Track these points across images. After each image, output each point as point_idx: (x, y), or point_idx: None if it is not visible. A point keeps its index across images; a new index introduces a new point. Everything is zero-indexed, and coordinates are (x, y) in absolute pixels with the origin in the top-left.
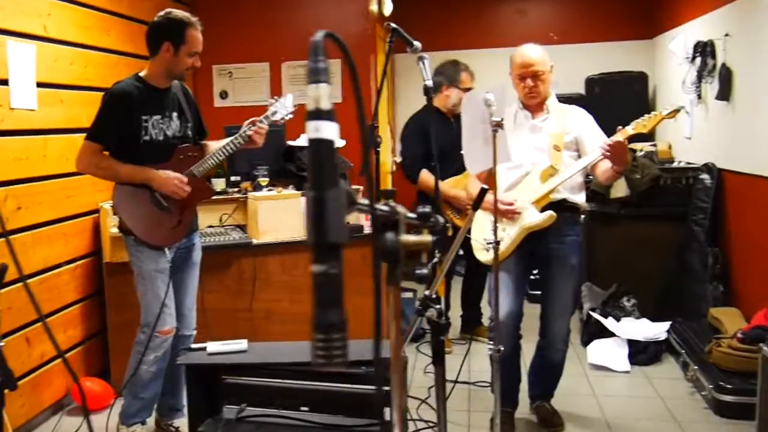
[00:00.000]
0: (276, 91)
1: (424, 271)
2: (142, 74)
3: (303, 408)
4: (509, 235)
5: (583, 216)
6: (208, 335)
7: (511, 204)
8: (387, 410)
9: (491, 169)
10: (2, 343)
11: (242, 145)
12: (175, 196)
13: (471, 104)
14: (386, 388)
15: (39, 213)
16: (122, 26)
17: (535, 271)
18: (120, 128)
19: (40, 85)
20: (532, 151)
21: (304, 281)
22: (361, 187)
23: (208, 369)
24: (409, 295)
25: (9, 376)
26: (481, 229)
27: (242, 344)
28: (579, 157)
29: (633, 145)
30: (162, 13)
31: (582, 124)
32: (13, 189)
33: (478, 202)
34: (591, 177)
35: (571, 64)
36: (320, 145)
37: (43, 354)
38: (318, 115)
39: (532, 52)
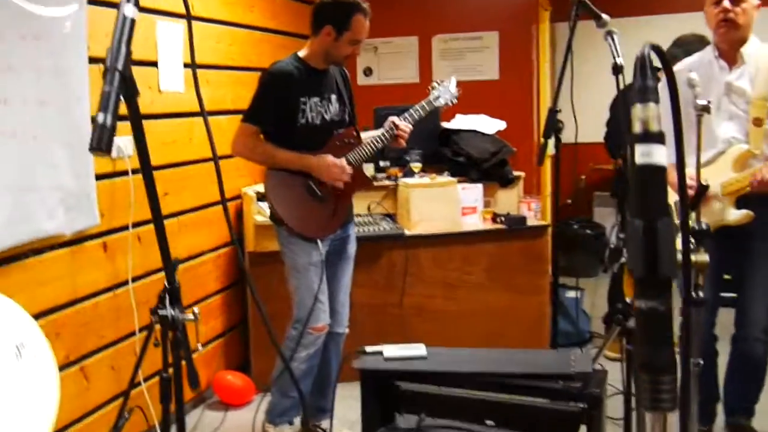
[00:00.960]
0: (425, 68)
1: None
2: (301, 54)
3: (488, 422)
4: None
5: None
6: (355, 332)
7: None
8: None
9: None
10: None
11: (388, 142)
12: (335, 184)
13: (713, 78)
14: (581, 405)
15: (185, 199)
16: (265, 2)
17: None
18: (278, 110)
19: (185, 65)
20: (727, 123)
21: (458, 277)
22: (523, 174)
23: (384, 375)
24: (572, 294)
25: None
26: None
27: (421, 349)
28: None
29: None
30: None
31: None
32: (161, 174)
33: (697, 198)
34: None
35: None
36: (650, 171)
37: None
38: (648, 137)
39: None
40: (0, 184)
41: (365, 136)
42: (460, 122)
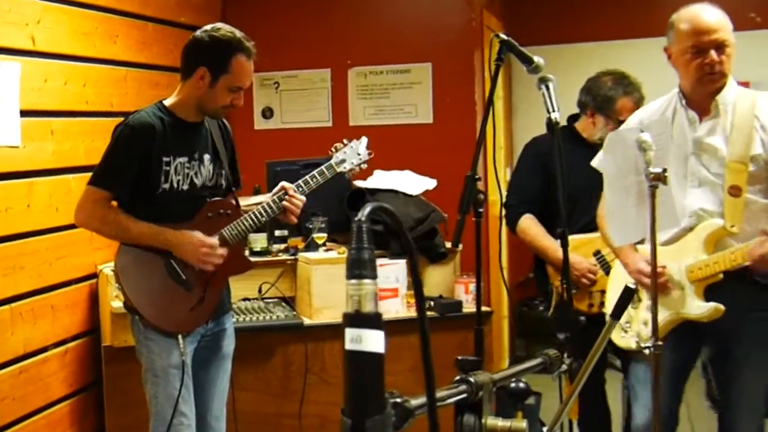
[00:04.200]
0: (340, 108)
1: None
2: (167, 102)
3: None
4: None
5: None
6: None
7: (659, 273)
8: None
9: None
10: None
11: (275, 214)
12: (203, 267)
13: (617, 145)
14: None
15: (20, 281)
16: (133, 29)
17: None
18: (135, 172)
19: (24, 113)
20: (696, 191)
21: None
22: (460, 246)
23: None
24: (531, 401)
25: None
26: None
27: None
28: None
29: None
30: (208, 27)
31: None
32: None
33: (620, 308)
34: None
35: None
36: (363, 361)
37: None
38: (359, 320)
39: (711, 14)
40: None
41: (251, 201)
42: (378, 180)
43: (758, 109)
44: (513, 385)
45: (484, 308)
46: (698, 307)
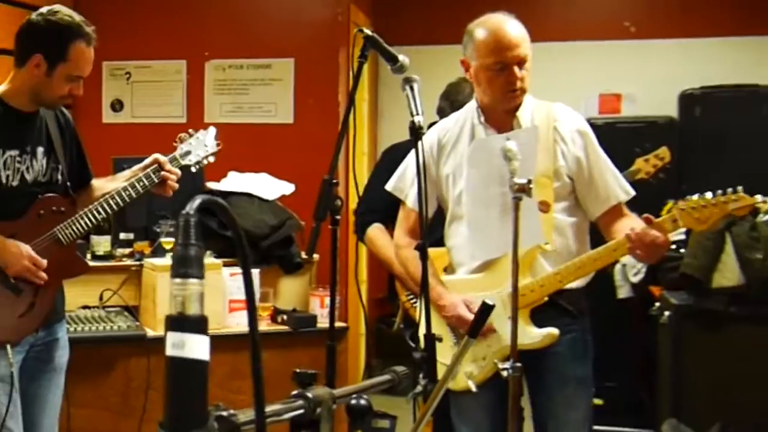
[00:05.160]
0: (195, 103)
1: None
2: None
3: None
4: (481, 362)
5: (666, 311)
6: None
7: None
8: None
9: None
10: None
11: (141, 194)
12: (29, 279)
13: (480, 154)
14: None
15: None
16: None
17: None
18: None
19: None
20: (502, 206)
21: (222, 396)
22: (317, 257)
23: None
24: (385, 423)
25: None
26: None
27: None
28: (576, 208)
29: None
30: (44, 10)
31: (583, 152)
32: None
33: (477, 326)
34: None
35: (657, 70)
36: (185, 369)
37: None
38: (182, 324)
39: (514, 27)
40: None
41: (102, 189)
42: (232, 183)
43: (557, 121)
44: (354, 401)
45: (339, 324)
46: (532, 336)
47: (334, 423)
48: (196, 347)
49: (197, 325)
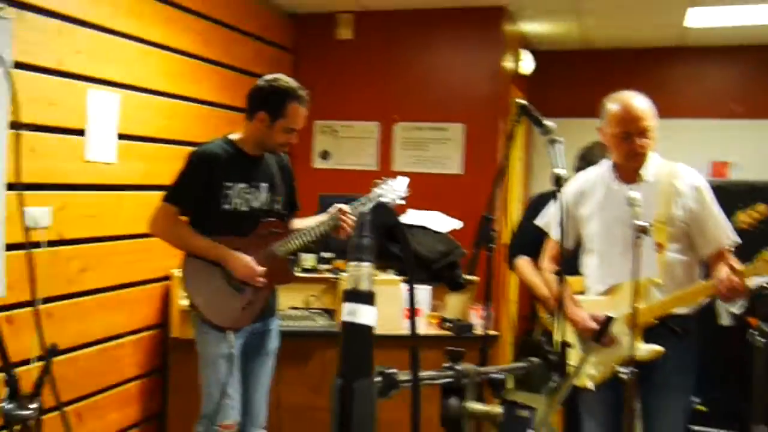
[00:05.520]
0: (386, 155)
1: None
2: (233, 137)
3: None
4: (600, 367)
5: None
6: None
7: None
8: None
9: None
10: None
11: (327, 234)
12: (247, 282)
13: (610, 201)
14: None
15: (106, 276)
16: (216, 74)
17: None
18: (198, 193)
19: (121, 137)
20: (624, 244)
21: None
22: (477, 278)
23: None
24: (525, 414)
25: None
26: (571, 349)
27: None
28: (687, 249)
29: None
30: (269, 77)
31: (697, 204)
32: (80, 248)
33: (601, 333)
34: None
35: (760, 143)
36: (355, 331)
37: (93, 431)
38: (355, 296)
39: (640, 103)
40: None
41: (302, 223)
42: (411, 217)
43: (676, 178)
44: (494, 375)
45: (491, 332)
46: (641, 350)
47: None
48: (365, 315)
49: (367, 298)
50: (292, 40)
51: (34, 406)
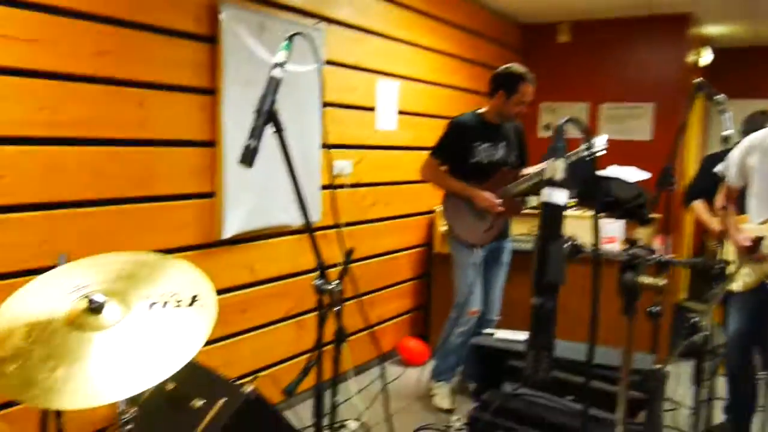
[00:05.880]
0: (592, 127)
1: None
2: (480, 111)
3: (569, 397)
4: (746, 277)
5: None
6: (508, 323)
7: (756, 241)
8: (643, 413)
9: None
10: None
11: (535, 183)
12: (488, 210)
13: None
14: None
15: (389, 209)
16: (466, 68)
17: None
18: (454, 150)
19: (400, 112)
20: None
21: (589, 288)
22: (659, 216)
23: (492, 350)
24: (695, 314)
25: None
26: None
27: (525, 336)
28: None
29: None
30: (506, 65)
31: None
32: (373, 189)
33: (754, 248)
34: None
35: None
36: (550, 207)
37: (379, 315)
38: (552, 184)
39: None
40: (249, 185)
41: (531, 169)
42: (612, 171)
43: None
44: (661, 258)
45: (669, 256)
46: None
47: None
48: (557, 196)
49: (560, 183)
50: (521, 44)
51: (336, 283)
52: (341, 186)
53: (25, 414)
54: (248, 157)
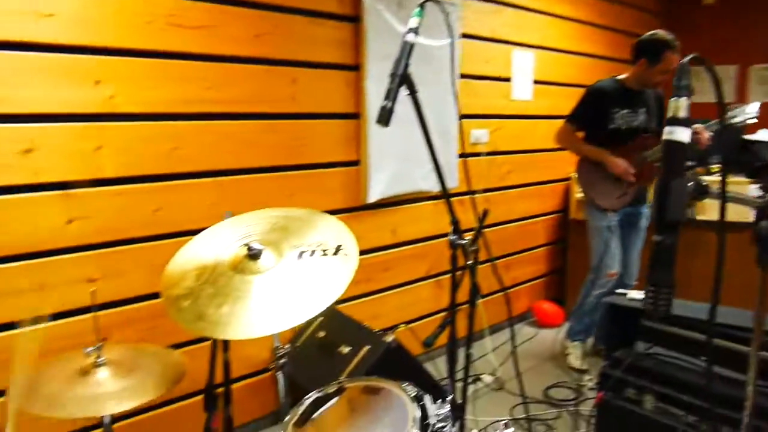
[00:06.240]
0: (742, 90)
1: None
2: (620, 77)
3: (702, 358)
4: None
5: None
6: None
7: None
8: None
9: None
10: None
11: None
12: (623, 177)
13: None
14: None
15: (525, 176)
16: (603, 36)
17: None
18: (592, 116)
19: (535, 82)
20: None
21: (727, 254)
22: None
23: (625, 310)
24: None
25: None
26: None
27: None
28: None
29: None
30: (650, 32)
31: None
32: (508, 157)
33: None
34: None
35: None
36: (672, 145)
37: (514, 278)
38: (674, 121)
39: None
40: (391, 154)
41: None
42: (761, 135)
43: None
44: None
45: None
46: None
47: None
48: (680, 134)
49: (682, 122)
50: (662, 8)
51: (469, 239)
52: (478, 154)
53: (200, 351)
54: (384, 117)
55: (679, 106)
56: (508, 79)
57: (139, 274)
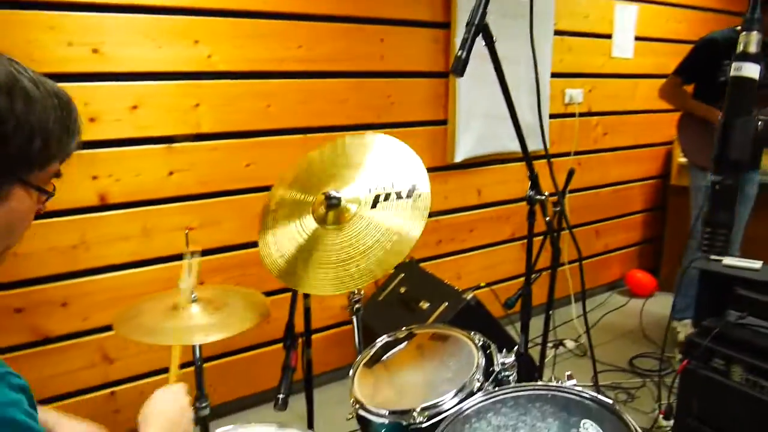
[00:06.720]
0: None
1: None
2: (739, 27)
3: None
4: None
5: None
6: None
7: None
8: None
9: None
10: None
11: None
12: None
13: None
14: None
15: (621, 139)
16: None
17: None
18: (702, 68)
19: (637, 38)
20: None
21: None
22: None
23: (718, 276)
24: None
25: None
26: None
27: (757, 264)
28: None
29: None
30: None
31: None
32: (604, 118)
33: None
34: None
35: None
36: (740, 81)
37: (606, 245)
38: (744, 57)
39: None
40: (479, 113)
41: None
42: None
43: None
44: None
45: None
46: None
47: None
48: (748, 70)
49: (752, 57)
50: None
51: (547, 194)
52: (572, 115)
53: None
54: (458, 67)
55: (750, 40)
56: (607, 36)
57: (232, 225)
